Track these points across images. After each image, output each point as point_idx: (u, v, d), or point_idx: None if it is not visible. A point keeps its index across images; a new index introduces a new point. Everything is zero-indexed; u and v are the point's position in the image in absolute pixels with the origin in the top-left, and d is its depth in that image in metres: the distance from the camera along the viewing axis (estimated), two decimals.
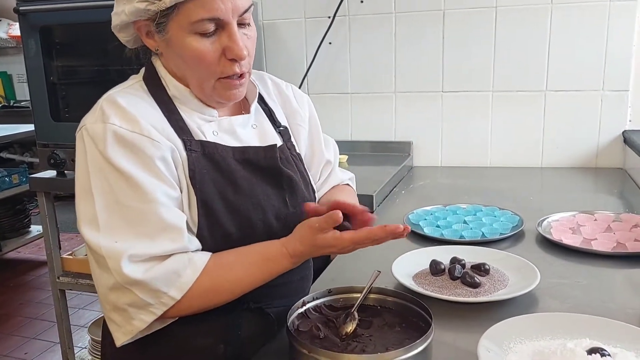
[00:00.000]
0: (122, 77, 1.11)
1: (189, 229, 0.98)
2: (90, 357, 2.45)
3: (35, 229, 4.35)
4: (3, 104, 5.31)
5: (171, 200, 0.96)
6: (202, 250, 0.99)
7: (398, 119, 2.39)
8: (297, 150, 1.20)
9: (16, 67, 5.48)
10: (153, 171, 0.95)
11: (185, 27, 0.95)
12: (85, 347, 2.70)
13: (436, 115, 2.33)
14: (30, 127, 4.13)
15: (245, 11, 0.98)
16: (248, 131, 1.12)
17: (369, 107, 2.42)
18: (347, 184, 1.38)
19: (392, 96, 2.38)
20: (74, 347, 2.49)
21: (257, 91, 1.16)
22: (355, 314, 1.00)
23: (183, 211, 0.98)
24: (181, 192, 0.99)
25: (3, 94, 5.42)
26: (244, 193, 1.04)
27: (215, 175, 1.02)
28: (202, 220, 0.99)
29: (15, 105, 5.26)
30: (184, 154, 1.00)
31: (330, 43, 2.39)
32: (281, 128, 1.18)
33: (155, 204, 0.93)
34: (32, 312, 3.49)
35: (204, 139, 1.04)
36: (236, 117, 1.11)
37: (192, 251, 0.97)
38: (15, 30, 5.31)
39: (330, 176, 1.32)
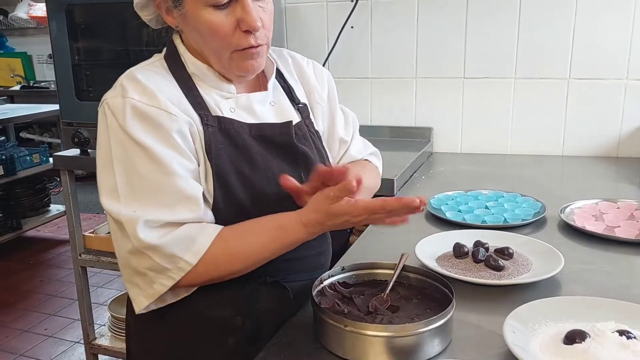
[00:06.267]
0: (144, 58, 1.13)
1: (205, 200, 1.01)
2: (110, 334, 2.50)
3: (55, 208, 4.41)
4: (23, 84, 5.35)
5: (188, 172, 0.99)
6: (217, 223, 1.02)
7: (418, 105, 2.39)
8: (316, 127, 1.21)
9: (36, 48, 5.51)
10: (170, 144, 0.97)
11: (199, 0, 0.97)
12: (104, 324, 2.75)
13: (457, 102, 2.32)
14: (49, 107, 4.18)
15: None
16: (266, 108, 1.13)
17: (389, 92, 2.41)
18: (366, 159, 1.36)
19: (412, 82, 2.37)
20: (94, 324, 2.54)
21: (275, 67, 1.17)
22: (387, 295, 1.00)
23: (200, 183, 1.01)
24: (198, 164, 1.02)
25: (23, 74, 5.46)
26: (259, 168, 1.06)
27: (231, 150, 1.04)
28: (218, 192, 1.02)
29: (35, 85, 5.30)
30: (200, 128, 1.02)
31: (352, 27, 2.38)
32: (300, 105, 1.19)
33: (173, 176, 0.96)
34: (52, 289, 3.56)
35: (221, 114, 1.06)
36: (254, 94, 1.12)
37: (206, 222, 0.99)
38: (36, 10, 5.34)
39: (344, 155, 1.33)
